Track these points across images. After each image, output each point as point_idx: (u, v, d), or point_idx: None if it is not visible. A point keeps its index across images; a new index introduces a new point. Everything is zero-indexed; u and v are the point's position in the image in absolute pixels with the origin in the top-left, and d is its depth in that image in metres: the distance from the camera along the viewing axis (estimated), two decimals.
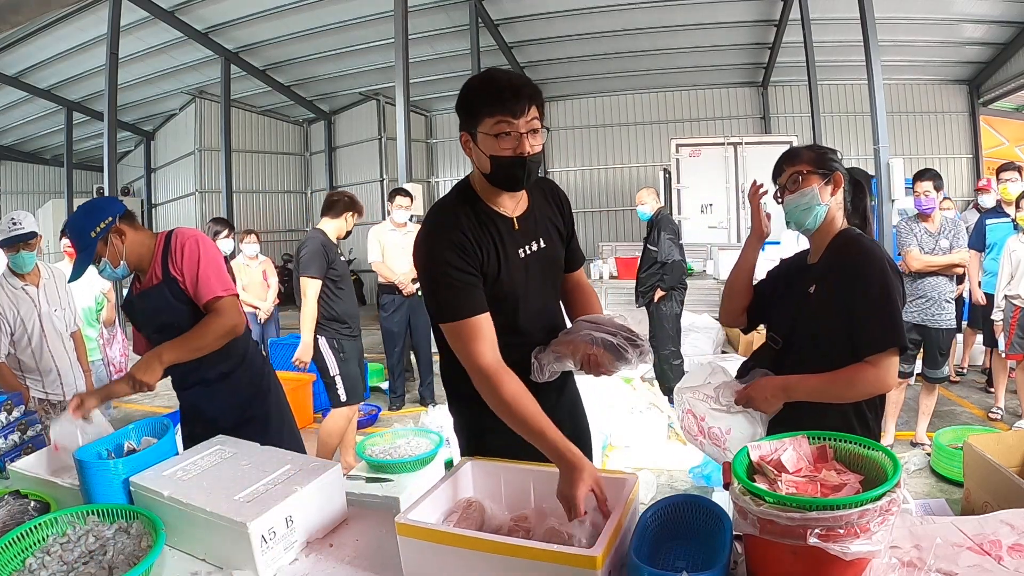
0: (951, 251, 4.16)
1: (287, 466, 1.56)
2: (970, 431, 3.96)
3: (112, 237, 2.14)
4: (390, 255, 5.55)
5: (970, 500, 3.19)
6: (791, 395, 1.67)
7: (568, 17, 11.33)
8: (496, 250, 1.60)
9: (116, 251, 2.15)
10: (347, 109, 15.88)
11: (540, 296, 1.71)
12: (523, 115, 1.48)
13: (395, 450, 3.20)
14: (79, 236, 2.12)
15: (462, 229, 1.56)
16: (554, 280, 1.77)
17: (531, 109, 1.50)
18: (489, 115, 1.49)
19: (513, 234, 1.64)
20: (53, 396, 3.21)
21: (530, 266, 1.67)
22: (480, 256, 1.56)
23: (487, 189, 1.62)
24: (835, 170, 1.78)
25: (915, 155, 12.78)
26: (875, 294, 1.62)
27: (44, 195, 18.00)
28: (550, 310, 1.76)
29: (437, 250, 1.54)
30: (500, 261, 1.60)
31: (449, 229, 1.56)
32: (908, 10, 10.46)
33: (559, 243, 1.75)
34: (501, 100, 1.47)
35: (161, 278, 2.18)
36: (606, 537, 1.14)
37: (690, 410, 1.82)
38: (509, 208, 1.65)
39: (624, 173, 14.36)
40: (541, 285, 1.70)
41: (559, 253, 1.76)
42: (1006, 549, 1.24)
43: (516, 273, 1.63)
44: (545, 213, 1.73)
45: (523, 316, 1.67)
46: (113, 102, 9.97)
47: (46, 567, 1.31)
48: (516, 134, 1.49)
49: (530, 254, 1.66)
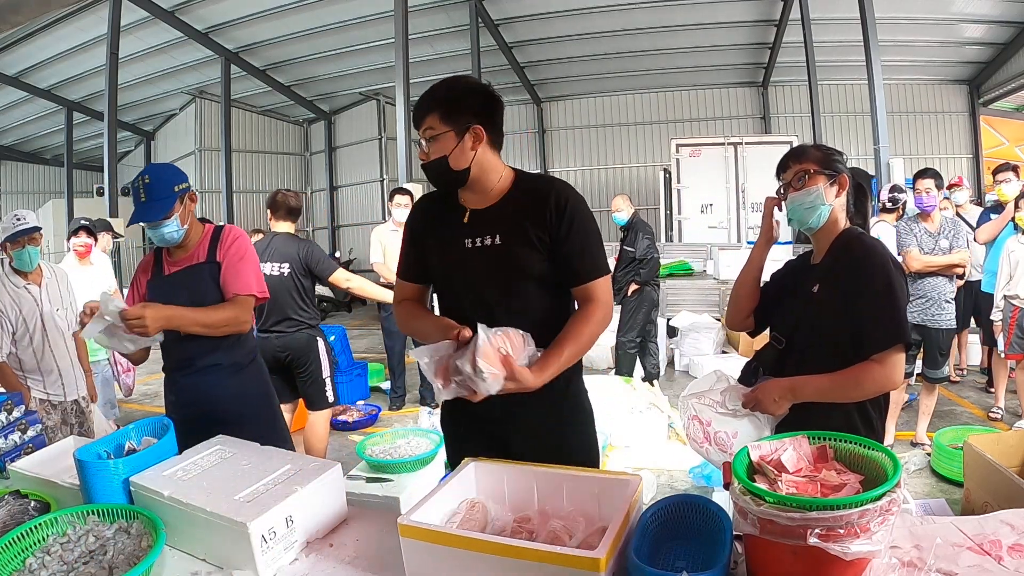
0: (951, 251, 4.16)
1: (287, 466, 1.56)
2: (970, 431, 3.96)
3: (188, 199, 2.27)
4: (391, 256, 5.55)
5: (970, 500, 3.19)
6: (798, 396, 1.67)
7: (568, 17, 11.34)
8: (439, 235, 1.77)
9: (186, 212, 2.26)
10: (347, 109, 15.89)
11: (478, 289, 1.71)
12: (420, 127, 1.69)
13: (395, 450, 3.20)
14: (163, 186, 2.20)
15: (421, 209, 1.87)
16: (505, 278, 1.69)
17: (426, 119, 1.66)
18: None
19: (462, 225, 1.74)
20: (54, 396, 3.21)
21: (473, 258, 1.71)
22: (422, 234, 1.81)
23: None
24: (841, 171, 1.78)
25: (915, 155, 12.80)
26: (879, 292, 1.62)
27: (44, 195, 18.00)
28: (488, 305, 1.68)
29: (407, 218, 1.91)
30: (440, 245, 1.76)
31: (414, 208, 1.91)
32: (908, 10, 10.47)
33: (524, 246, 1.68)
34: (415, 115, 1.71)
35: (206, 259, 2.29)
36: (610, 538, 1.14)
37: (696, 416, 1.81)
38: (471, 201, 1.75)
39: (624, 173, 14.37)
40: (485, 279, 1.70)
41: (519, 254, 1.68)
42: (1006, 549, 1.24)
43: (456, 260, 1.74)
44: (518, 215, 1.69)
45: (459, 302, 1.76)
46: (113, 102, 9.99)
47: (46, 567, 1.31)
48: (422, 143, 1.70)
49: (477, 247, 1.70)
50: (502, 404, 1.58)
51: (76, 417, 3.30)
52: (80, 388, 3.35)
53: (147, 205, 2.19)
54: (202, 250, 2.31)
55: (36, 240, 3.14)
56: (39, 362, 3.17)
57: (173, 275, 2.30)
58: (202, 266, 2.29)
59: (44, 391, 3.18)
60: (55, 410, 3.21)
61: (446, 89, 1.67)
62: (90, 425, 3.38)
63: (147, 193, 2.18)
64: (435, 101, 1.65)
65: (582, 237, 1.68)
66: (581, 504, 1.42)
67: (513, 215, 1.69)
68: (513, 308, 1.67)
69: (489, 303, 1.69)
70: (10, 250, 3.09)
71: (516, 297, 1.69)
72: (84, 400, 3.37)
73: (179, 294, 2.24)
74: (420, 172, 9.04)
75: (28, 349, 3.13)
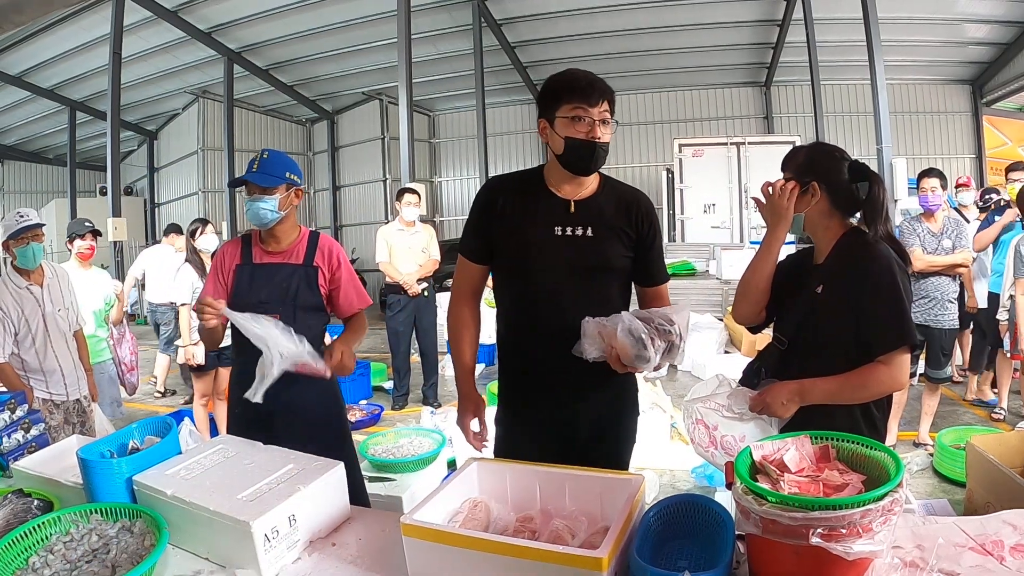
0: (954, 251, 4.15)
1: (290, 465, 1.56)
2: (972, 431, 3.95)
3: (294, 192, 2.33)
4: (397, 255, 5.55)
5: (972, 500, 3.19)
6: (806, 399, 1.66)
7: (571, 17, 11.34)
8: (533, 219, 1.79)
9: (287, 202, 2.30)
10: (350, 109, 15.90)
11: (557, 276, 1.79)
12: (596, 105, 1.70)
13: (398, 449, 3.21)
14: (277, 166, 2.28)
15: (499, 192, 1.85)
16: (586, 271, 1.80)
17: (603, 103, 1.72)
18: (568, 101, 1.71)
19: (566, 214, 1.79)
20: (56, 396, 3.22)
21: (562, 246, 1.78)
22: (503, 216, 1.81)
23: (554, 173, 1.82)
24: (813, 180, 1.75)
25: (918, 155, 12.77)
26: (884, 293, 1.62)
27: (47, 195, 18.04)
28: (561, 293, 1.79)
29: (479, 195, 1.89)
30: (528, 229, 1.78)
31: (492, 187, 1.90)
32: (911, 10, 10.45)
33: (615, 242, 1.82)
34: (579, 88, 1.70)
35: (303, 262, 2.34)
36: (612, 538, 1.14)
37: (701, 420, 1.79)
38: (568, 193, 1.81)
39: (627, 173, 14.35)
40: (566, 268, 1.79)
41: (608, 250, 1.81)
42: (1008, 549, 1.24)
43: (542, 245, 1.78)
44: (609, 212, 1.83)
45: (530, 287, 1.81)
46: (116, 102, 9.99)
47: (49, 566, 1.31)
48: (589, 120, 1.70)
49: (569, 235, 1.78)
50: (570, 400, 1.84)
51: (78, 416, 3.31)
52: (82, 387, 3.35)
53: (256, 174, 2.24)
54: (299, 251, 2.36)
55: (39, 237, 3.15)
56: (41, 362, 3.17)
57: (266, 265, 2.33)
58: (299, 268, 2.33)
59: (47, 391, 3.18)
60: (58, 409, 3.22)
61: (605, 82, 1.76)
62: (91, 424, 3.39)
63: (261, 166, 2.26)
64: (609, 91, 1.75)
65: (659, 243, 1.92)
66: (584, 504, 1.42)
67: (602, 211, 1.82)
68: (591, 298, 1.79)
69: (563, 291, 1.78)
70: (13, 247, 3.09)
71: (594, 287, 1.81)
72: (85, 399, 3.38)
73: (265, 286, 2.29)
74: (423, 172, 9.03)
75: (31, 350, 3.14)
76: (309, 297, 2.32)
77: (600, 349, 1.66)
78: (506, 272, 1.88)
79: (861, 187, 1.74)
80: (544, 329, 1.79)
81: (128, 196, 16.21)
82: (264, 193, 2.24)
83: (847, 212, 1.79)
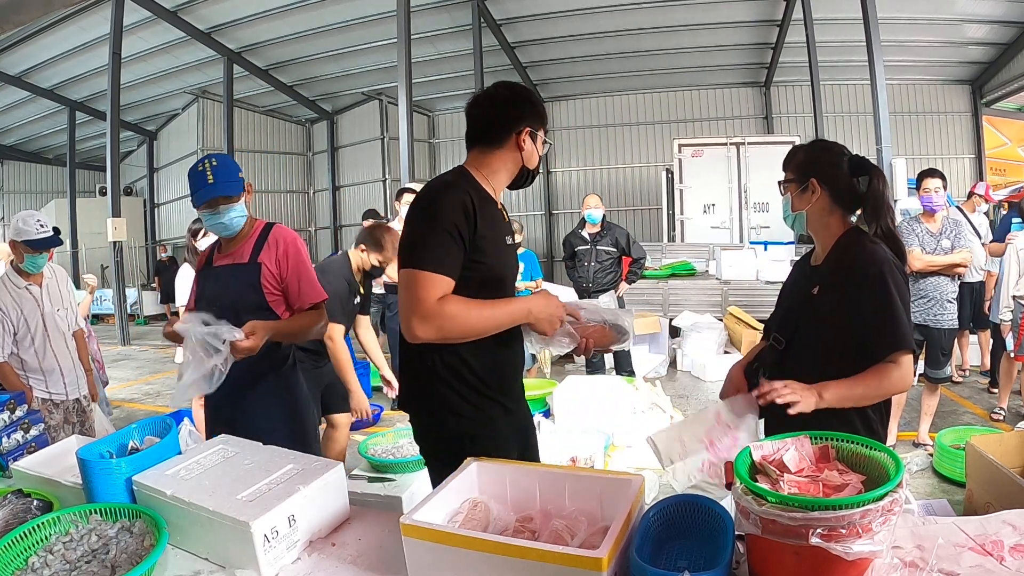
0: (952, 251, 4.16)
1: (290, 465, 1.56)
2: (972, 432, 3.95)
3: (249, 188, 2.28)
4: None
5: (972, 501, 3.19)
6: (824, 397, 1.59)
7: (570, 17, 11.34)
8: (498, 231, 1.73)
9: (247, 202, 2.27)
10: (350, 109, 15.89)
11: (512, 286, 1.85)
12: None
13: (398, 450, 3.20)
14: (231, 170, 2.21)
15: (470, 197, 1.63)
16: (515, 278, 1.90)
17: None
18: (545, 128, 1.82)
19: (505, 223, 1.80)
20: (56, 396, 3.22)
21: (513, 255, 1.83)
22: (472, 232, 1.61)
23: (500, 182, 1.79)
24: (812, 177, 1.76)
25: (917, 155, 12.77)
26: (879, 301, 1.62)
27: (47, 195, 18.05)
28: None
29: (449, 204, 1.60)
30: (494, 242, 1.71)
31: (462, 194, 1.63)
32: (910, 10, 10.46)
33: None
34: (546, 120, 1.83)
35: (247, 260, 2.25)
36: (612, 538, 1.14)
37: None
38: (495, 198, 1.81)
39: (626, 173, 14.36)
40: (513, 277, 1.86)
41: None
42: (1008, 550, 1.24)
43: (506, 257, 1.77)
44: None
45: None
46: (116, 102, 10.00)
47: (49, 566, 1.31)
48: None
49: (511, 244, 1.82)
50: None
51: (77, 416, 3.31)
52: (81, 387, 3.36)
53: (218, 185, 2.16)
54: (247, 249, 2.28)
55: (52, 254, 3.19)
56: (41, 362, 3.17)
57: (216, 268, 2.30)
58: (241, 267, 2.25)
59: (46, 390, 3.19)
60: (57, 409, 3.22)
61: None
62: (91, 424, 3.39)
63: (216, 175, 2.16)
64: None
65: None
66: (583, 504, 1.42)
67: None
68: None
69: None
70: (24, 252, 3.08)
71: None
72: (85, 399, 3.38)
73: (213, 289, 2.27)
74: (422, 172, 9.05)
75: (30, 349, 3.14)
76: (251, 297, 2.22)
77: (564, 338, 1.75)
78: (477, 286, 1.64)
79: (862, 181, 1.74)
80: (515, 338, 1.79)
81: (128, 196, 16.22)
82: (231, 202, 2.19)
83: (848, 208, 1.79)
